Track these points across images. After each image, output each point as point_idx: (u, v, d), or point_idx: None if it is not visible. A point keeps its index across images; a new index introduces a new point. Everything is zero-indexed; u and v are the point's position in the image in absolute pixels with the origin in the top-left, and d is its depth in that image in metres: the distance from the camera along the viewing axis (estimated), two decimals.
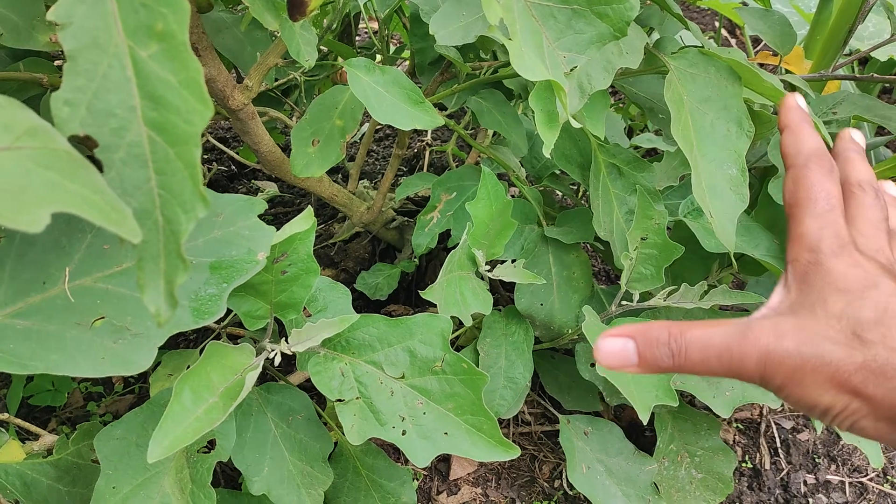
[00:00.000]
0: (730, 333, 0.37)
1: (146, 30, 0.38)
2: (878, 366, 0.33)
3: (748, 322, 0.37)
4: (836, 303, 0.36)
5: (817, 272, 0.38)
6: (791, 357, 0.35)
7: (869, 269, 0.38)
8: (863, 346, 0.34)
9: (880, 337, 0.34)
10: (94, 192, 0.34)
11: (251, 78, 0.81)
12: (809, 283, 0.38)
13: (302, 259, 0.71)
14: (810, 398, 0.35)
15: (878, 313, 0.35)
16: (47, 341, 0.52)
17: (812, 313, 0.36)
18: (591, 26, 0.60)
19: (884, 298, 0.36)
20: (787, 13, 1.84)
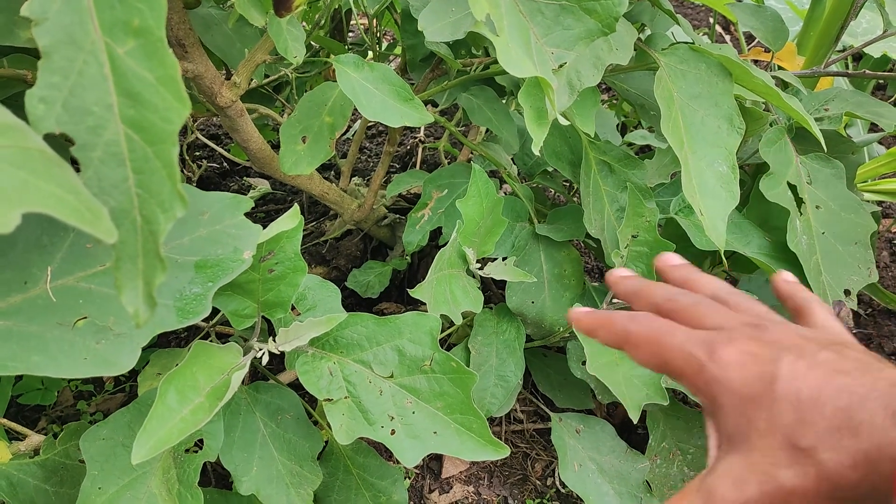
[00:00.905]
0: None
1: (123, 26, 0.37)
2: (831, 473, 0.32)
3: (708, 484, 0.36)
4: (758, 416, 0.35)
5: (719, 390, 0.37)
6: (760, 500, 0.34)
7: (758, 353, 0.36)
8: (808, 458, 0.33)
9: (815, 440, 0.33)
10: (67, 191, 0.33)
11: (239, 74, 0.80)
12: (721, 405, 0.37)
13: (289, 257, 0.70)
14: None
15: (796, 409, 0.34)
16: (28, 342, 0.51)
17: (748, 442, 0.35)
18: (580, 22, 0.59)
19: (791, 387, 0.35)
20: (781, 9, 1.83)
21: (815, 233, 0.91)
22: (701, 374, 0.37)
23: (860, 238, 0.91)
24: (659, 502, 1.04)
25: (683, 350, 0.38)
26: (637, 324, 0.42)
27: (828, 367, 0.35)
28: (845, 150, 1.00)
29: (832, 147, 0.99)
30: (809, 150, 0.95)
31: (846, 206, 0.92)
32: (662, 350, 0.40)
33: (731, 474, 0.35)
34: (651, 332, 0.41)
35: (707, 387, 0.37)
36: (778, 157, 0.91)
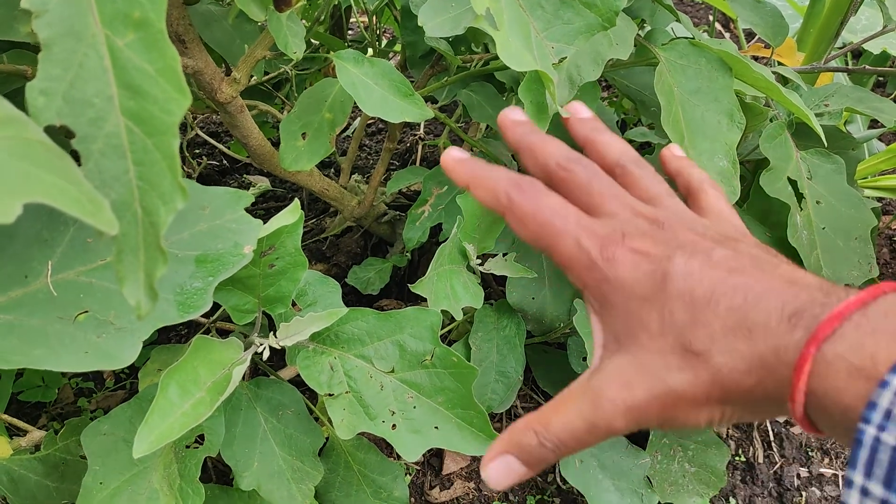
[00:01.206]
0: (584, 410, 0.34)
1: (123, 18, 0.37)
2: (725, 379, 0.31)
3: (595, 386, 0.34)
4: (649, 317, 0.34)
5: (609, 289, 0.35)
6: (650, 404, 0.33)
7: (651, 252, 0.34)
8: (701, 362, 0.32)
9: (708, 342, 0.31)
10: (69, 182, 0.33)
11: (239, 70, 0.80)
12: (611, 303, 0.35)
13: (290, 252, 0.70)
14: (691, 423, 0.33)
15: (689, 309, 0.32)
16: (30, 336, 0.51)
17: (638, 343, 0.34)
18: (580, 16, 0.59)
19: (684, 285, 0.33)
20: (780, 6, 1.83)
21: (816, 228, 0.91)
22: (591, 272, 0.35)
23: (861, 233, 0.91)
24: (660, 498, 1.04)
25: (574, 242, 0.36)
26: (523, 195, 0.37)
27: (723, 265, 0.33)
28: (845, 146, 1.00)
29: (832, 143, 0.99)
30: (810, 145, 0.95)
31: (846, 202, 0.92)
32: (550, 235, 0.36)
33: (619, 376, 0.34)
34: (539, 211, 0.37)
35: (597, 285, 0.35)
36: (778, 153, 0.91)
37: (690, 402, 0.32)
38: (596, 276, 0.35)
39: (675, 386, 0.32)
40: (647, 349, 0.33)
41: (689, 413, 0.33)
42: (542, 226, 0.37)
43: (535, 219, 0.37)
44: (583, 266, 0.35)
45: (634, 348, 0.34)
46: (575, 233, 0.36)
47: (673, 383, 0.32)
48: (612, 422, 0.33)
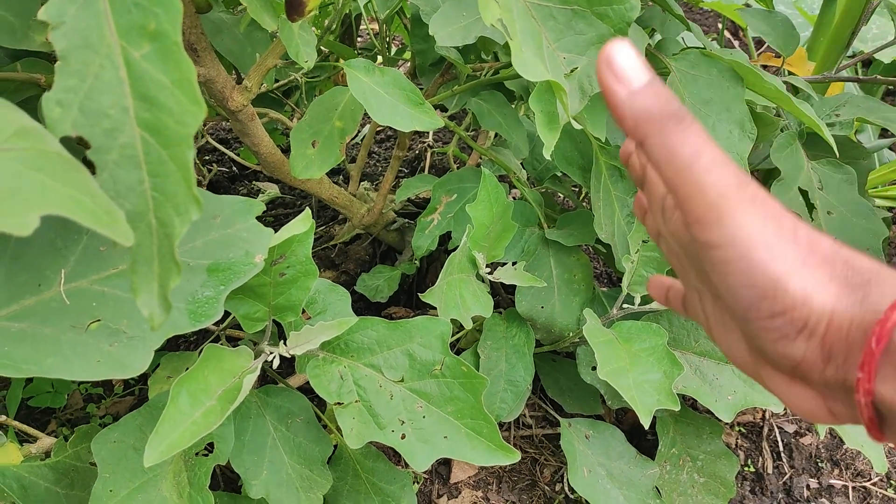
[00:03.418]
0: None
1: (139, 29, 0.37)
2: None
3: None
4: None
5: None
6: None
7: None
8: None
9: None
10: (85, 194, 0.34)
11: (250, 79, 0.81)
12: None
13: (300, 261, 0.70)
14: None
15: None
16: (42, 344, 0.52)
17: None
18: (592, 27, 0.59)
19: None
20: (791, 14, 1.83)
21: None
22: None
23: (872, 244, 0.91)
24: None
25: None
26: None
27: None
28: (856, 156, 1.00)
29: (843, 153, 0.98)
30: (821, 155, 0.95)
31: (858, 212, 0.91)
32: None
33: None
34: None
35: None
36: (789, 163, 0.91)
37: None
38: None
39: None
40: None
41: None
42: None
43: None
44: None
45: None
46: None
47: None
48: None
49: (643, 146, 0.34)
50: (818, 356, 0.33)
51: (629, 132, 0.35)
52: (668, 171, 0.34)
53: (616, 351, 0.84)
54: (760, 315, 0.33)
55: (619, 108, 0.34)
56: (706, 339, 0.97)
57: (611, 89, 0.34)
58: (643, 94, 0.34)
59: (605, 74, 0.35)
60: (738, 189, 0.33)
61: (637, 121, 0.34)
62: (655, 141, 0.34)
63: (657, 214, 0.43)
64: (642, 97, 0.34)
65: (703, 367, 0.95)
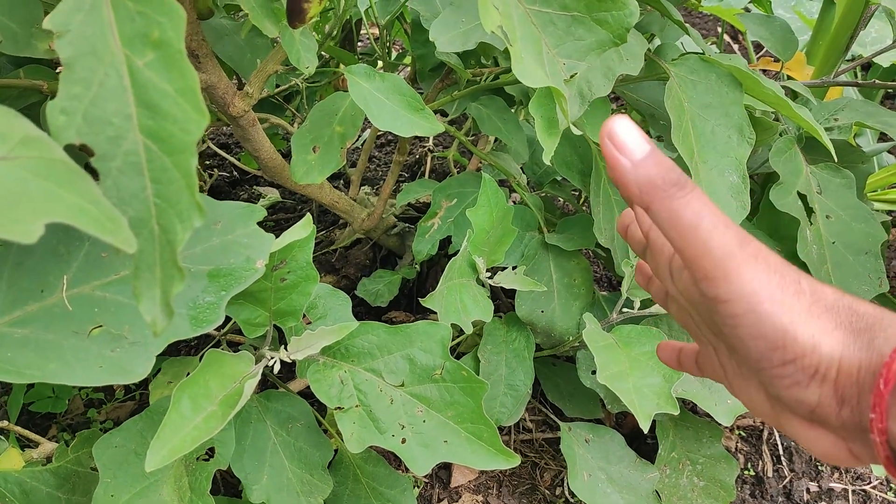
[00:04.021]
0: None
1: (142, 38, 0.38)
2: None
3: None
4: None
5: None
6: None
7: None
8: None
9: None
10: (89, 201, 0.34)
11: (251, 85, 0.81)
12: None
13: (301, 266, 0.71)
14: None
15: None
16: (45, 350, 0.52)
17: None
18: (591, 33, 0.59)
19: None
20: (790, 19, 1.83)
21: (826, 242, 0.91)
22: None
23: (871, 248, 0.91)
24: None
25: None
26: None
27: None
28: (855, 160, 1.00)
29: (842, 157, 0.99)
30: (819, 159, 0.95)
31: (856, 216, 0.92)
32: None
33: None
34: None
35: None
36: (788, 167, 0.91)
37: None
38: None
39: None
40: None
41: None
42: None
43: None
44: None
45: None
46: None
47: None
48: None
49: (648, 212, 0.36)
50: (833, 400, 0.34)
51: (635, 200, 0.37)
52: (673, 234, 0.36)
53: (615, 355, 0.85)
54: (772, 364, 0.35)
55: (623, 178, 0.36)
56: None
57: (615, 161, 0.36)
58: (646, 164, 0.36)
59: (608, 148, 0.37)
60: (740, 247, 0.35)
61: (642, 189, 0.36)
62: (660, 207, 0.36)
63: (665, 277, 0.44)
64: (645, 167, 0.36)
65: None
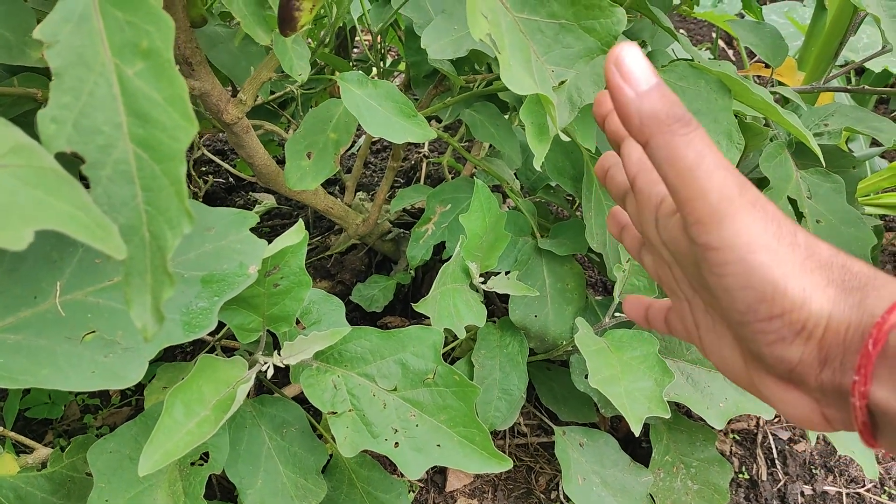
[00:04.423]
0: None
1: (132, 47, 0.38)
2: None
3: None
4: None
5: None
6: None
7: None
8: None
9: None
10: (79, 209, 0.34)
11: (245, 92, 0.82)
12: None
13: (294, 272, 0.71)
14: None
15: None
16: (38, 355, 0.52)
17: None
18: (579, 41, 0.60)
19: None
20: (783, 24, 1.85)
21: None
22: None
23: (860, 251, 0.91)
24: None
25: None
26: None
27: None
28: (846, 165, 1.01)
29: (833, 161, 0.99)
30: (809, 164, 0.96)
31: (846, 220, 0.92)
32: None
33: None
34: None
35: None
36: (778, 172, 0.92)
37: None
38: None
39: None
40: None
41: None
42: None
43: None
44: None
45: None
46: None
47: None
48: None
49: (647, 147, 0.35)
50: (815, 359, 0.34)
51: (634, 132, 0.35)
52: (670, 173, 0.34)
53: (608, 359, 0.85)
54: (758, 317, 0.34)
55: (625, 108, 0.35)
56: None
57: (619, 89, 0.35)
58: (650, 96, 0.35)
59: (612, 75, 0.35)
60: (739, 193, 0.33)
61: (644, 121, 0.35)
62: (660, 142, 0.34)
63: (648, 225, 0.43)
64: (650, 98, 0.34)
65: (694, 375, 0.96)
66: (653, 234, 0.43)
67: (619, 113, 0.36)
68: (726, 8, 2.32)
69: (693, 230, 0.35)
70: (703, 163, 0.33)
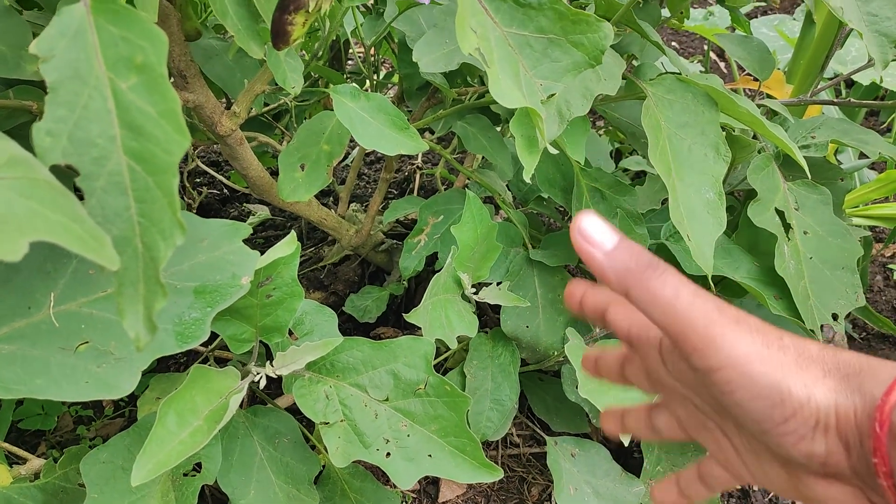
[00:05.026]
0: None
1: (126, 62, 0.39)
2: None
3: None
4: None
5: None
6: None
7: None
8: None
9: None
10: (73, 220, 0.35)
11: (239, 104, 0.82)
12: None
13: (286, 283, 0.72)
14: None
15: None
16: (32, 366, 0.53)
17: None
18: (567, 55, 0.61)
19: None
20: (772, 37, 1.87)
21: (803, 258, 0.92)
22: None
23: (847, 263, 0.93)
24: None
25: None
26: None
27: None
28: (833, 177, 1.02)
29: (821, 173, 1.01)
30: (797, 176, 0.97)
31: (833, 232, 0.93)
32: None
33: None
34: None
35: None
36: (765, 184, 0.93)
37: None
38: None
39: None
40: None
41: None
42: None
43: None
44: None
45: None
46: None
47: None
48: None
49: (628, 296, 0.38)
50: (840, 447, 0.35)
51: (613, 286, 0.38)
52: (656, 313, 0.37)
53: None
54: (775, 423, 0.35)
55: (600, 268, 0.38)
56: None
57: (589, 254, 0.38)
58: (617, 252, 0.38)
59: (580, 243, 0.39)
60: (720, 314, 0.36)
61: (618, 275, 0.38)
62: (639, 289, 0.37)
63: (657, 368, 0.45)
64: (618, 254, 0.38)
65: None
66: (665, 377, 0.45)
67: (595, 273, 0.39)
68: (717, 21, 2.34)
69: (692, 359, 0.37)
70: (681, 294, 0.36)
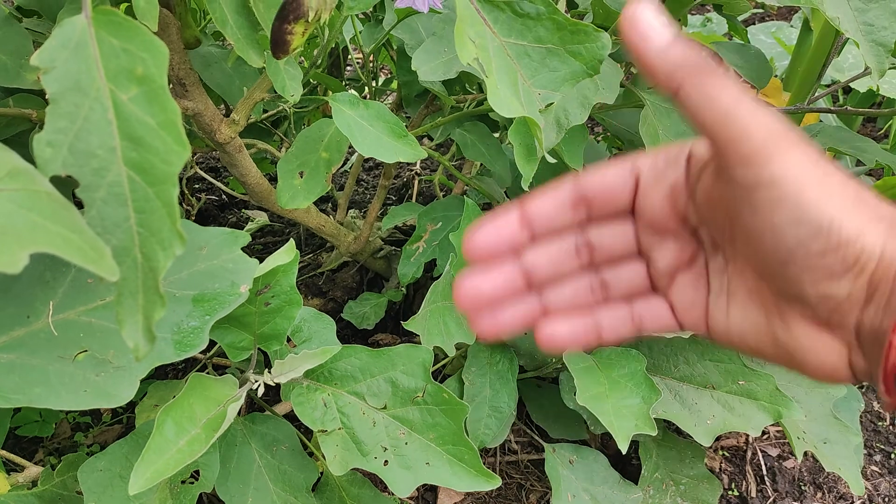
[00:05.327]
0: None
1: (126, 74, 0.39)
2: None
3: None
4: None
5: None
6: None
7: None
8: None
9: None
10: (73, 231, 0.35)
11: (238, 112, 0.83)
12: None
13: (285, 291, 0.72)
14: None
15: None
16: (30, 374, 0.53)
17: None
18: (565, 65, 0.61)
19: None
20: (770, 44, 1.87)
21: None
22: None
23: None
24: None
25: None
26: None
27: None
28: None
29: None
30: None
31: None
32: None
33: None
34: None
35: None
36: None
37: None
38: None
39: None
40: None
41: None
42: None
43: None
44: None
45: None
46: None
47: None
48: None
49: (678, 94, 0.34)
50: (861, 296, 0.34)
51: (661, 83, 0.35)
52: (708, 117, 0.34)
53: (595, 377, 0.86)
54: (809, 253, 0.33)
55: (651, 61, 0.35)
56: (686, 364, 0.98)
57: (639, 47, 0.35)
58: (676, 46, 0.34)
59: (629, 34, 0.35)
60: (784, 130, 0.33)
61: (674, 68, 0.34)
62: (694, 87, 0.34)
63: (661, 208, 0.40)
64: (676, 48, 0.34)
65: (682, 392, 0.96)
66: (683, 207, 0.40)
67: (645, 66, 0.35)
68: (715, 28, 2.35)
69: (738, 171, 0.34)
70: (743, 103, 0.33)
